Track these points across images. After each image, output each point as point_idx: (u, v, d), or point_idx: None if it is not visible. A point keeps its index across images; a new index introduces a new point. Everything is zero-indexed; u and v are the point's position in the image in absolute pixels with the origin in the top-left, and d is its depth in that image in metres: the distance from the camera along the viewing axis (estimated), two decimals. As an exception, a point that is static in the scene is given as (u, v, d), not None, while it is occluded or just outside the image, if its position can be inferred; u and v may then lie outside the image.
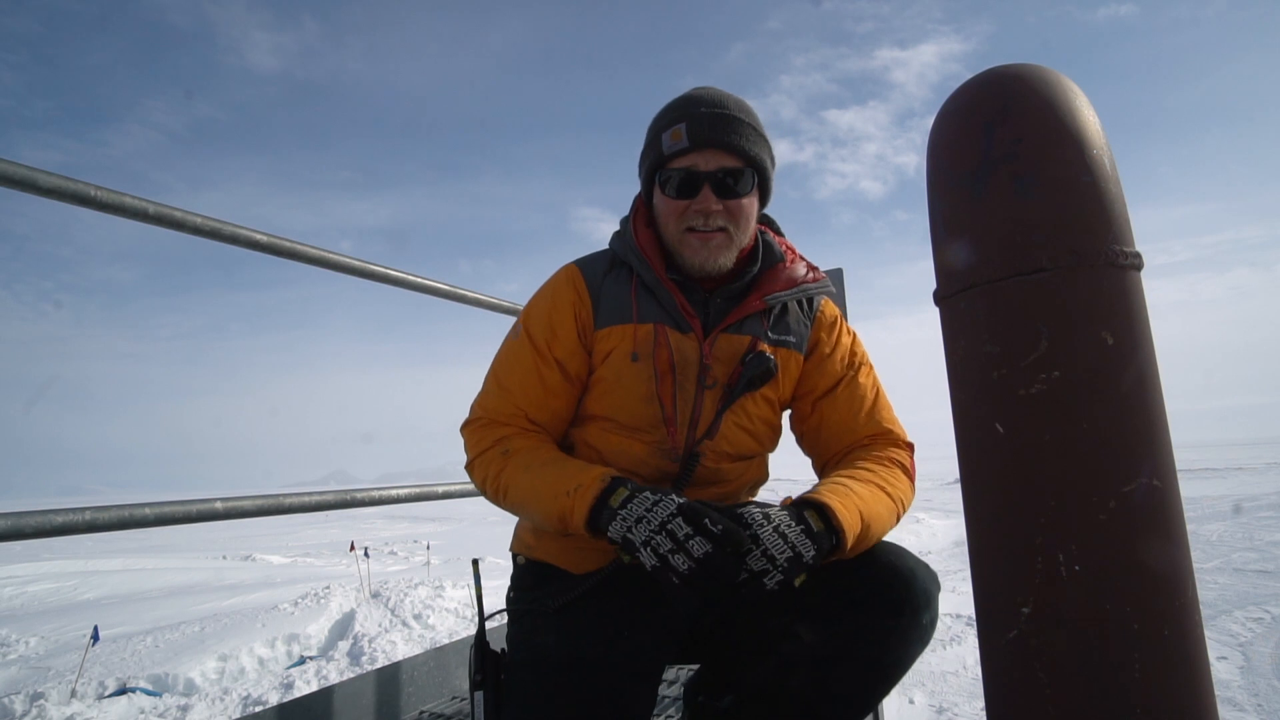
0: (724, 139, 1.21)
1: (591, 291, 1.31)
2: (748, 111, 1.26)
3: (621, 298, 1.30)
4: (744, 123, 1.23)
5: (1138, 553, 0.81)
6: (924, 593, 1.17)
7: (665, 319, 1.28)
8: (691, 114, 1.22)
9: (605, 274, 1.33)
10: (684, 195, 1.24)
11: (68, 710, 5.91)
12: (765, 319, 1.32)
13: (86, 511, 1.29)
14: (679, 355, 1.27)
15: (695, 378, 1.27)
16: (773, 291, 1.31)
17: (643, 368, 1.26)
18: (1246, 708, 4.40)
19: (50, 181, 1.37)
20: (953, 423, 0.99)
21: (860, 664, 1.15)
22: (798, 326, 1.36)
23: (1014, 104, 0.90)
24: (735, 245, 1.27)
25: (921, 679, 5.40)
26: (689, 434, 1.28)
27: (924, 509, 20.13)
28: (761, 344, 1.30)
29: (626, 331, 1.27)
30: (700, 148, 1.22)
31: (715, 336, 1.28)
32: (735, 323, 1.30)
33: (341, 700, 1.84)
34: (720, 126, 1.21)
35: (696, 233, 1.24)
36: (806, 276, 1.36)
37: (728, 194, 1.23)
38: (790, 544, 1.03)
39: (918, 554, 1.28)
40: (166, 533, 25.30)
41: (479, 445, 1.27)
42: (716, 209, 1.22)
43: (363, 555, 11.62)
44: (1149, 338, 0.88)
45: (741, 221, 1.26)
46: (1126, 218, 0.89)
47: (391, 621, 8.71)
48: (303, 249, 1.85)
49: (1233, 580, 8.09)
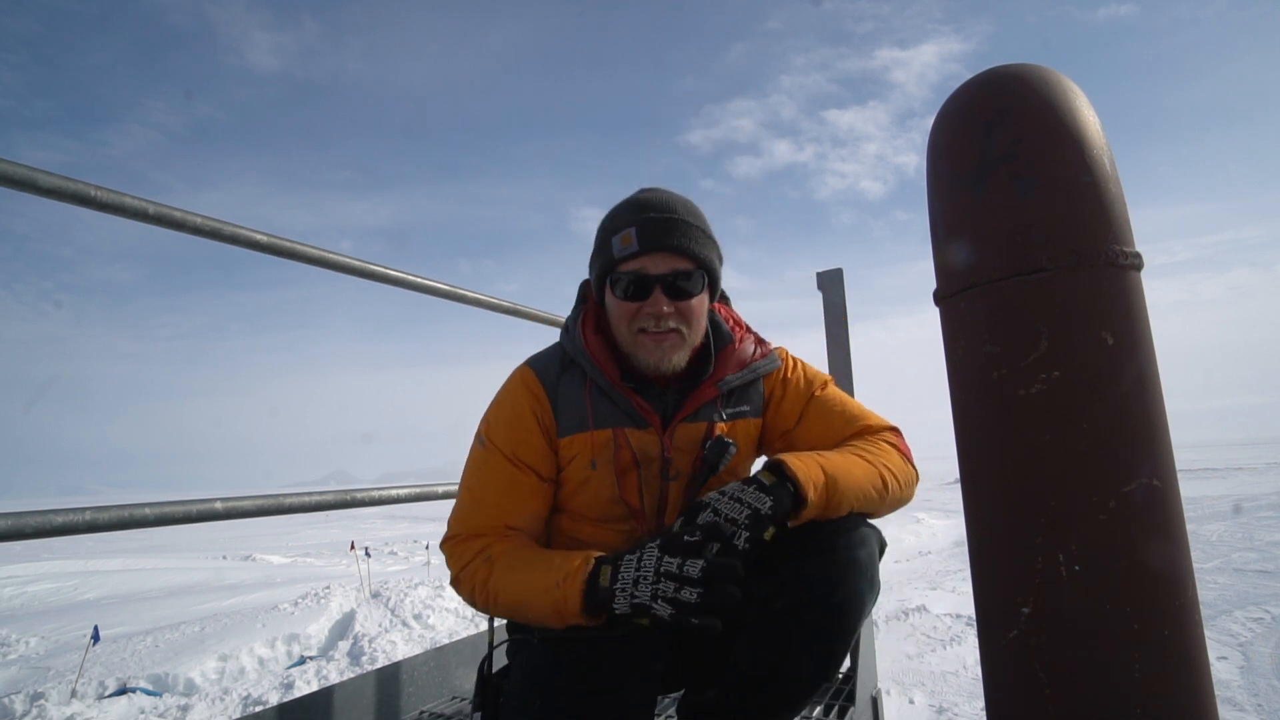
0: (673, 243, 1.26)
1: (549, 394, 1.35)
2: (695, 214, 1.31)
3: (578, 402, 1.34)
4: (692, 226, 1.28)
5: (1138, 553, 0.81)
6: (856, 532, 1.21)
7: (623, 419, 1.32)
8: (641, 219, 1.27)
9: (559, 375, 1.36)
10: (635, 298, 1.28)
11: (68, 710, 5.91)
12: (719, 401, 1.37)
13: (86, 511, 1.29)
14: (640, 453, 1.31)
15: (659, 471, 1.32)
16: (723, 376, 1.36)
17: (604, 474, 1.31)
18: (1246, 708, 4.40)
19: (50, 181, 1.37)
20: (953, 423, 0.99)
21: (810, 605, 1.18)
22: (752, 392, 1.41)
23: (1014, 104, 0.90)
24: (688, 344, 1.32)
25: (921, 679, 5.40)
26: (659, 523, 1.34)
27: (924, 509, 20.13)
28: (719, 425, 1.35)
29: (585, 440, 1.32)
30: (650, 251, 1.26)
31: (674, 428, 1.33)
32: (691, 412, 1.34)
33: (341, 700, 1.84)
34: (669, 231, 1.26)
35: (649, 334, 1.28)
36: (755, 355, 1.42)
37: (679, 295, 1.27)
38: (745, 503, 1.10)
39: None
40: (166, 533, 25.30)
41: (461, 559, 1.29)
42: (668, 310, 1.27)
43: (363, 555, 11.62)
44: (1149, 338, 0.88)
45: (693, 321, 1.30)
46: (1126, 218, 0.89)
47: (391, 621, 8.72)
48: (303, 249, 1.85)
49: (1233, 580, 8.10)
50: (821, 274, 2.66)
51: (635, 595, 1.07)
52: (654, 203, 1.29)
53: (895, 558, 11.03)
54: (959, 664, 5.72)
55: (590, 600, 1.11)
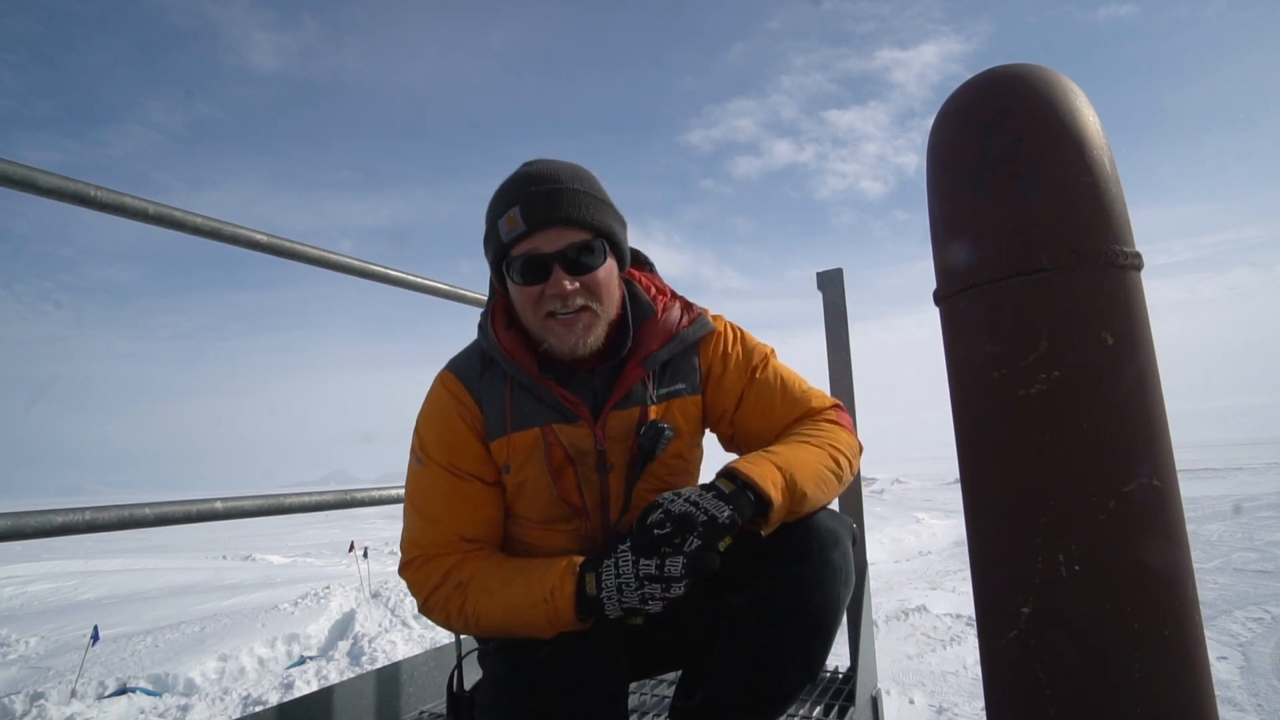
0: (562, 214, 1.16)
1: (474, 396, 1.28)
2: (583, 179, 1.21)
3: (499, 404, 1.26)
4: (581, 193, 1.19)
5: (1138, 553, 0.81)
6: (829, 532, 1.18)
7: (551, 415, 1.25)
8: (524, 195, 1.17)
9: (480, 376, 1.29)
10: (534, 280, 1.18)
11: (68, 710, 5.91)
12: (649, 381, 1.29)
13: (86, 511, 1.29)
14: (573, 448, 1.25)
15: (594, 465, 1.26)
16: (650, 352, 1.27)
17: (538, 475, 1.25)
18: (1246, 708, 4.40)
19: (50, 181, 1.37)
20: (953, 423, 0.99)
21: (786, 614, 1.17)
22: (685, 366, 1.33)
23: (1014, 104, 0.90)
24: (603, 319, 1.23)
25: (921, 679, 5.40)
26: (603, 517, 1.28)
27: (924, 509, 20.13)
28: (651, 409, 1.28)
29: (508, 443, 1.26)
30: (540, 228, 1.16)
31: (605, 417, 1.26)
32: (621, 397, 1.27)
33: (341, 700, 1.84)
34: (555, 202, 1.16)
35: (557, 318, 1.20)
36: (681, 322, 1.31)
37: (580, 270, 1.18)
38: (702, 508, 1.04)
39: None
40: (166, 533, 25.31)
41: (426, 585, 1.23)
42: (572, 288, 1.18)
43: (362, 555, 11.61)
44: (1149, 338, 0.88)
45: (603, 294, 1.21)
46: (1126, 218, 0.89)
47: (391, 621, 8.71)
48: (303, 249, 1.86)
49: (1233, 580, 8.09)
50: (821, 274, 2.66)
51: (624, 600, 1.06)
52: (535, 175, 1.19)
53: (895, 558, 11.02)
54: (959, 664, 5.72)
55: (582, 610, 1.10)
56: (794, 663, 1.20)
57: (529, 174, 1.20)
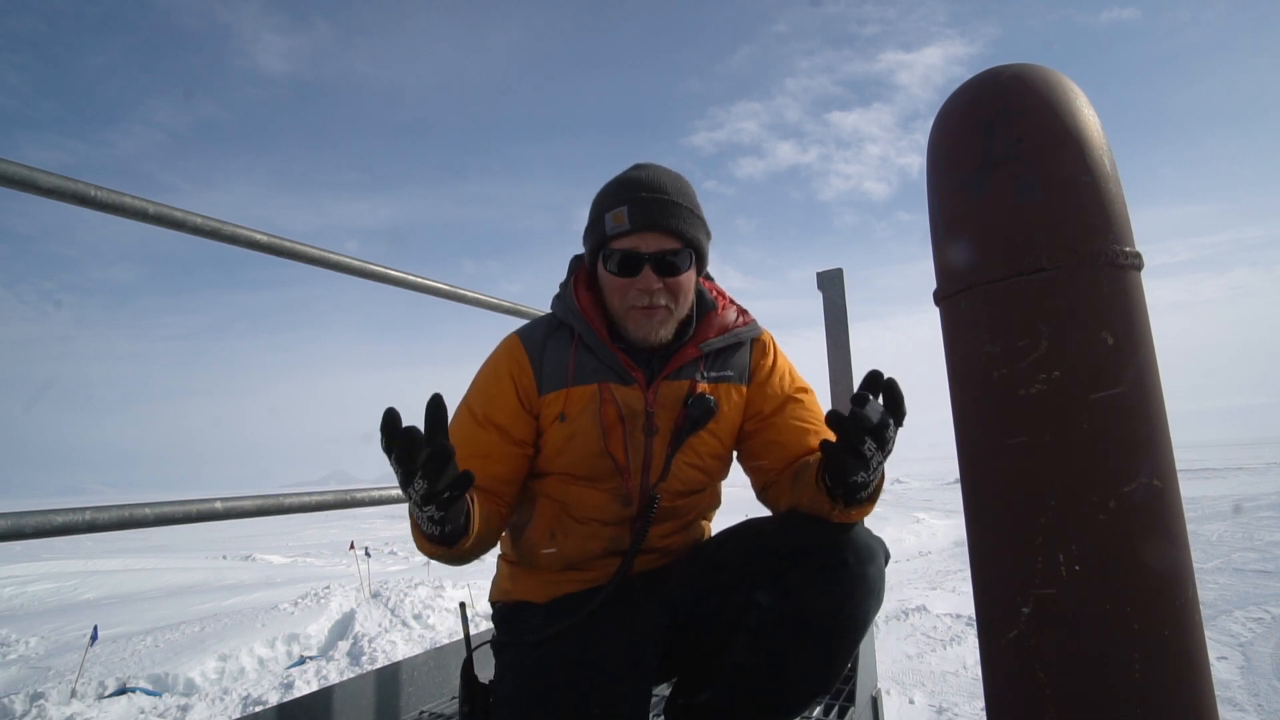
0: (663, 223, 1.29)
1: (532, 359, 1.38)
2: (685, 194, 1.35)
3: (563, 361, 1.37)
4: (681, 206, 1.32)
5: (1138, 553, 0.81)
6: (865, 546, 1.23)
7: (609, 375, 1.35)
8: (633, 198, 1.30)
9: (546, 339, 1.40)
10: (626, 274, 1.32)
11: (68, 710, 5.91)
12: (702, 362, 1.40)
13: (86, 511, 1.29)
14: (625, 407, 1.34)
15: (643, 426, 1.35)
16: (706, 338, 1.40)
17: (590, 427, 1.33)
18: (1246, 708, 4.40)
19: (50, 181, 1.37)
20: (953, 423, 0.99)
21: (815, 618, 1.19)
22: (735, 360, 1.44)
23: (1014, 104, 0.90)
24: (676, 318, 1.36)
25: (921, 679, 5.40)
26: (643, 479, 1.35)
27: (924, 509, 20.13)
28: (701, 385, 1.37)
29: (566, 395, 1.35)
30: (641, 230, 1.30)
31: (658, 385, 1.36)
32: (674, 370, 1.37)
33: (341, 700, 1.84)
34: (660, 211, 1.30)
35: (640, 309, 1.33)
36: (737, 322, 1.45)
37: (668, 272, 1.31)
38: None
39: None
40: (166, 533, 25.29)
41: None
42: (657, 287, 1.31)
43: (363, 555, 11.61)
44: (1149, 338, 0.88)
45: (681, 297, 1.34)
46: (1126, 218, 0.89)
47: (391, 621, 8.71)
48: (303, 249, 1.85)
49: (1233, 580, 8.09)
50: (822, 274, 2.66)
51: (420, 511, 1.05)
52: (646, 182, 1.32)
53: (895, 557, 10.96)
54: (959, 664, 5.72)
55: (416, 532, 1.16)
56: (811, 672, 1.22)
57: (640, 179, 1.34)
